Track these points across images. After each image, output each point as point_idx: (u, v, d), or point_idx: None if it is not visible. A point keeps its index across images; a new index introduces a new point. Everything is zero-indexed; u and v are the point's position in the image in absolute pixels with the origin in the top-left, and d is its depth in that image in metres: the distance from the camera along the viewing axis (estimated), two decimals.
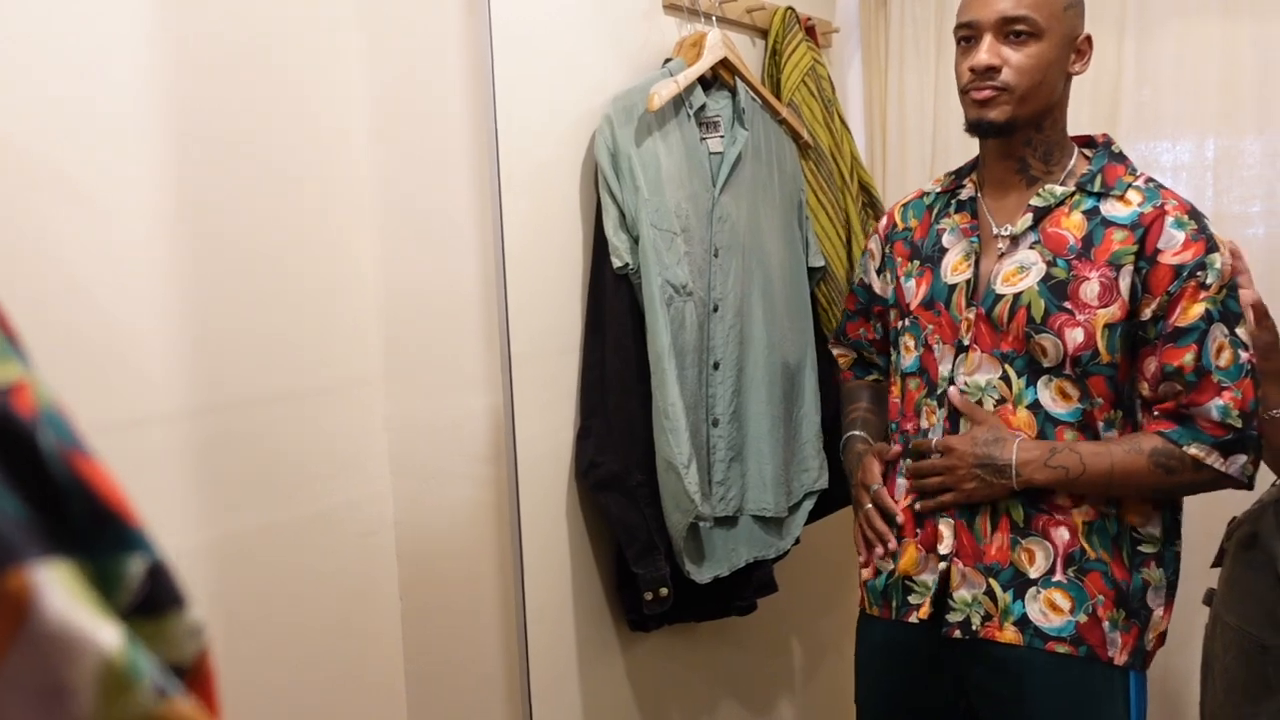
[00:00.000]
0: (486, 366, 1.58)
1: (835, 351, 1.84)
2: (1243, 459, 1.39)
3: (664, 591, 1.70)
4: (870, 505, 1.58)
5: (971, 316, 1.46)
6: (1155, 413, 1.43)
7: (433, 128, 1.60)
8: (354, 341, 1.60)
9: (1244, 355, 1.38)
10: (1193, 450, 1.38)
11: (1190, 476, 1.41)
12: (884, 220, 1.69)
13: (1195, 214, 1.41)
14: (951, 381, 1.48)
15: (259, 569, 1.48)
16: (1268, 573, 1.59)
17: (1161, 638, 1.50)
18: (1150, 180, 1.47)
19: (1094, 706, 1.43)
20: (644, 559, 1.70)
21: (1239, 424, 1.37)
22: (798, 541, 1.99)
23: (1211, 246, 1.38)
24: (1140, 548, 1.45)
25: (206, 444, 1.40)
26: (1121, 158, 1.49)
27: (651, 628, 1.81)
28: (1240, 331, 1.39)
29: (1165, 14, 2.09)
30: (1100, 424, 1.43)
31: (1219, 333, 1.37)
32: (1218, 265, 1.38)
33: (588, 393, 1.70)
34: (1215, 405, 1.36)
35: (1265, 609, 1.58)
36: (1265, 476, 1.64)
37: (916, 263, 1.56)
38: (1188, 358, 1.37)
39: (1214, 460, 1.38)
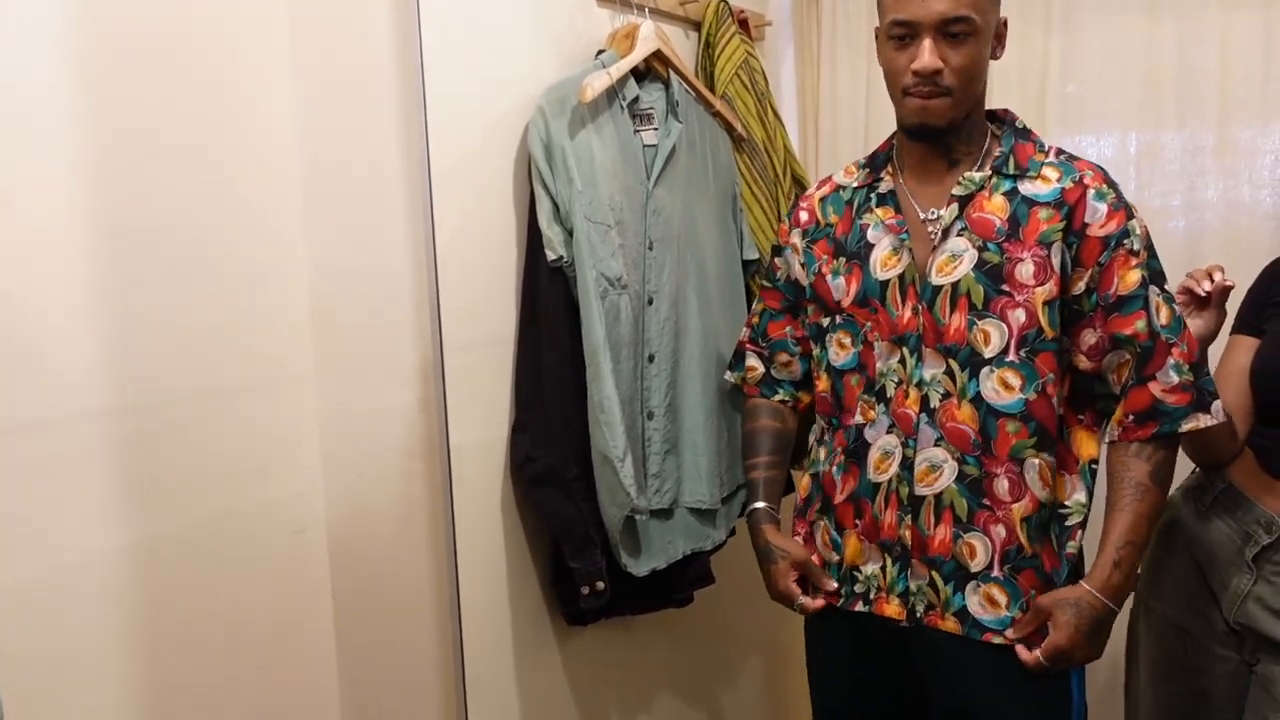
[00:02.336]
0: (419, 360, 1.56)
1: (748, 362, 1.73)
2: (1216, 403, 1.43)
3: (600, 585, 1.70)
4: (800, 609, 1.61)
5: (909, 312, 1.47)
6: (1126, 418, 1.43)
7: (361, 119, 1.57)
8: (283, 335, 1.57)
9: (1177, 308, 1.44)
10: (1187, 427, 1.41)
11: (1191, 450, 1.55)
12: (802, 214, 1.64)
13: (1110, 181, 1.45)
14: (898, 382, 1.48)
15: (185, 570, 1.44)
16: (1187, 559, 1.63)
17: None
18: (1060, 152, 1.49)
19: (1034, 689, 1.46)
20: (580, 553, 1.69)
21: (1192, 376, 1.42)
22: (733, 533, 2.00)
23: (1130, 213, 1.43)
24: (1067, 522, 1.48)
25: (128, 442, 1.36)
26: (1027, 133, 1.50)
27: (589, 621, 1.80)
28: (1167, 286, 1.45)
29: (1089, 11, 2.13)
30: (1054, 400, 1.44)
31: (1154, 294, 1.42)
32: (1138, 229, 1.43)
33: (523, 386, 1.69)
34: (1171, 365, 1.40)
35: (1185, 594, 1.63)
36: (1184, 465, 1.68)
37: (843, 260, 1.54)
38: (1139, 324, 1.40)
39: (1204, 421, 1.42)
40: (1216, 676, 1.59)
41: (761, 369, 1.72)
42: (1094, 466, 1.49)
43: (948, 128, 1.43)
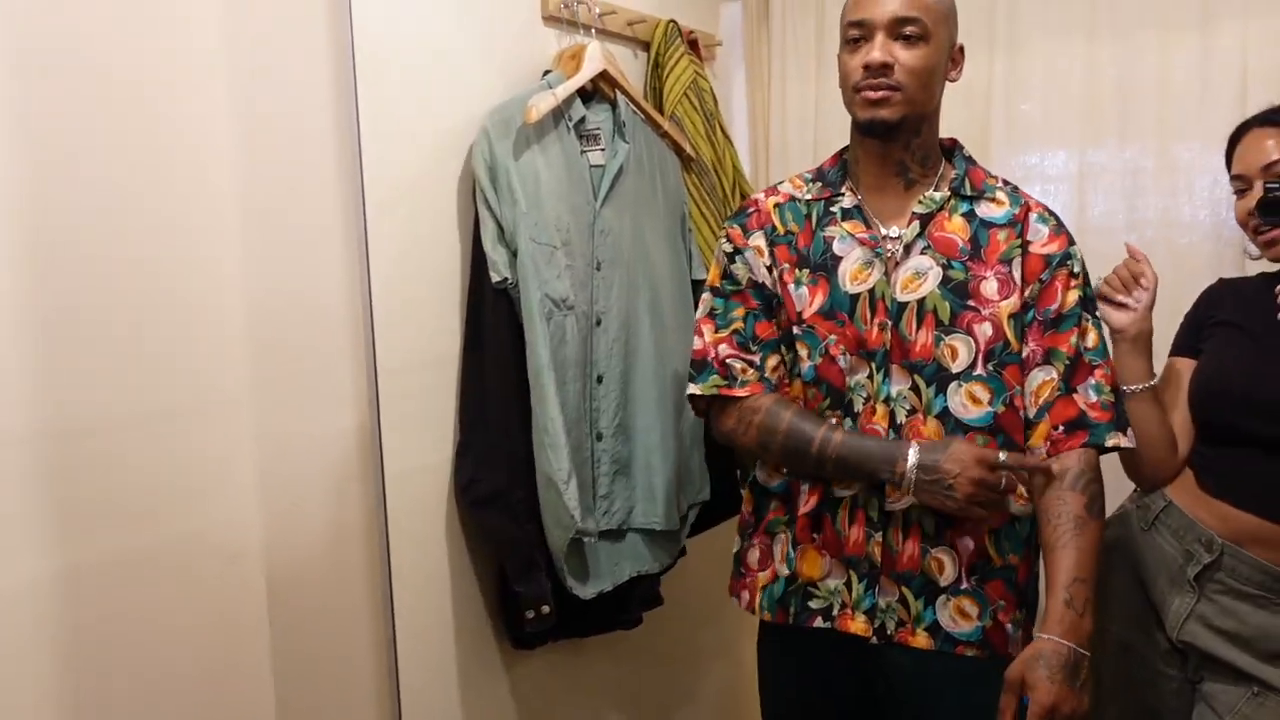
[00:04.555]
0: (355, 383, 1.54)
1: (737, 365, 1.55)
2: (1130, 429, 1.47)
3: (545, 609, 1.68)
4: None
5: (876, 328, 1.47)
6: (1055, 430, 1.43)
7: (296, 140, 1.55)
8: (217, 358, 1.54)
9: (1104, 336, 1.50)
10: (1111, 442, 1.43)
11: (1130, 469, 1.63)
12: (758, 217, 1.57)
13: (1051, 211, 1.52)
14: (865, 397, 1.47)
15: (114, 598, 1.41)
16: (1130, 578, 1.64)
17: None
18: (1006, 183, 1.55)
19: (995, 700, 1.46)
20: (524, 576, 1.67)
21: (1111, 397, 1.46)
22: (683, 552, 1.99)
23: (1071, 239, 1.49)
24: (1024, 537, 1.49)
25: (52, 467, 1.33)
26: (974, 161, 1.56)
27: (535, 645, 1.78)
28: (1098, 314, 1.51)
29: (1031, 33, 2.16)
30: (1020, 411, 1.46)
31: (1086, 318, 1.47)
32: (1079, 256, 1.49)
33: (467, 408, 1.67)
34: (1091, 384, 1.44)
35: (1130, 613, 1.64)
36: (1126, 485, 1.70)
37: (806, 270, 1.52)
38: (1072, 340, 1.45)
39: (1123, 441, 1.44)
40: (1163, 694, 1.60)
41: (755, 374, 1.55)
42: None
43: (898, 125, 1.44)
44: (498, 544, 1.68)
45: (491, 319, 1.66)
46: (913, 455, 1.41)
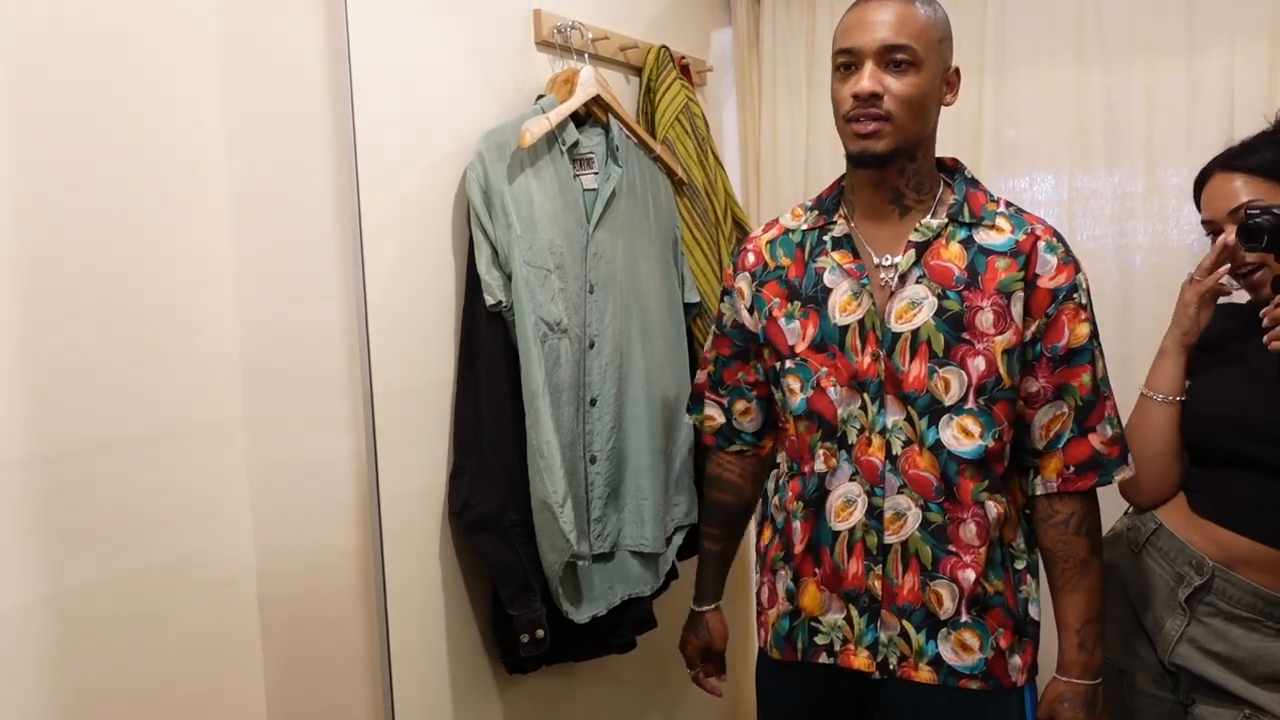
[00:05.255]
0: (350, 407, 1.54)
1: (707, 412, 1.69)
2: (1130, 455, 1.50)
3: (540, 633, 1.68)
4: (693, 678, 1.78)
5: (869, 358, 1.46)
6: (1067, 469, 1.46)
7: (292, 163, 1.56)
8: (211, 382, 1.54)
9: (1105, 363, 1.49)
10: (1118, 478, 1.48)
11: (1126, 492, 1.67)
12: (748, 257, 1.60)
13: (1059, 235, 1.47)
14: (860, 429, 1.47)
15: (109, 623, 1.40)
16: (1121, 601, 1.65)
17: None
18: (1009, 204, 1.51)
19: None
20: (519, 600, 1.67)
21: (1119, 429, 1.48)
22: (676, 575, 1.98)
23: (1077, 267, 1.46)
24: (1015, 564, 1.49)
25: (47, 491, 1.32)
26: (976, 183, 1.52)
27: (530, 669, 1.78)
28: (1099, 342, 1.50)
29: (1020, 60, 2.18)
30: (1006, 447, 1.46)
31: (1097, 350, 1.47)
32: (1084, 284, 1.46)
33: (461, 432, 1.67)
34: (1107, 419, 1.46)
35: (1120, 635, 1.64)
36: (1119, 505, 1.71)
37: (797, 304, 1.51)
38: (1085, 377, 1.44)
39: (1127, 473, 1.49)
40: (1153, 716, 1.61)
41: (721, 419, 1.67)
42: (1027, 512, 1.52)
43: (890, 156, 1.41)
44: (492, 567, 1.67)
45: (486, 342, 1.67)
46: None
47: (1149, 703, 1.61)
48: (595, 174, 1.84)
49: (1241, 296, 1.62)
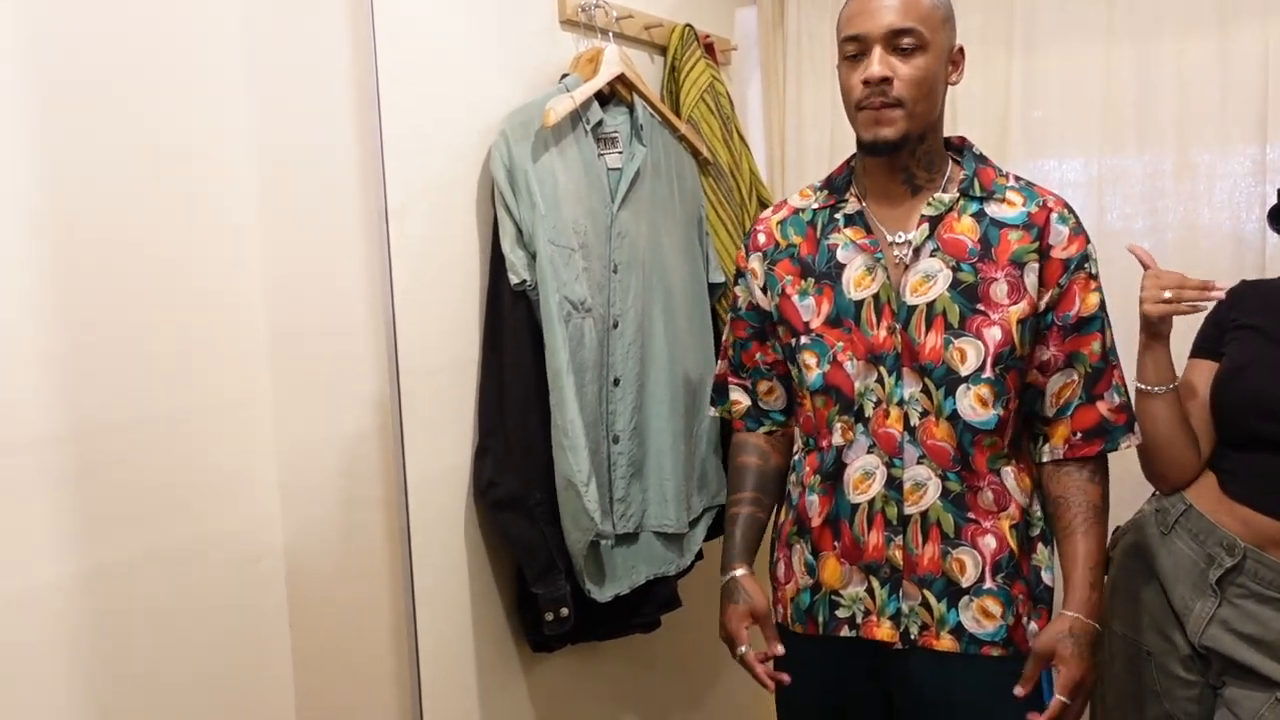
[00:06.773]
0: (377, 386, 1.55)
1: (732, 397, 1.67)
2: (1136, 424, 1.51)
3: (564, 611, 1.68)
4: (740, 657, 1.58)
5: (885, 331, 1.47)
6: (1074, 435, 1.47)
7: (318, 142, 1.56)
8: (240, 361, 1.55)
9: (1112, 333, 1.51)
10: (1124, 445, 1.49)
11: (1147, 468, 1.65)
12: (760, 237, 1.61)
13: (1069, 207, 1.50)
14: (876, 401, 1.48)
15: (138, 599, 1.42)
16: (1149, 582, 1.64)
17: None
18: (1018, 178, 1.53)
19: (1028, 699, 1.46)
20: (543, 579, 1.68)
21: (1126, 397, 1.50)
22: (701, 556, 1.99)
23: (1087, 237, 1.48)
24: (1030, 532, 1.50)
25: (79, 469, 1.34)
26: (985, 159, 1.53)
27: (554, 648, 1.78)
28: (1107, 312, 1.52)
29: (1049, 37, 2.15)
30: (1015, 414, 1.48)
31: (1106, 319, 1.48)
32: (1094, 255, 1.49)
33: (486, 411, 1.68)
34: (1114, 387, 1.48)
35: (1148, 616, 1.63)
36: (1141, 492, 1.69)
37: (811, 280, 1.53)
38: (1095, 345, 1.47)
39: (1133, 441, 1.50)
40: (1182, 700, 1.59)
41: (747, 401, 1.67)
42: (1039, 479, 1.53)
43: (902, 142, 1.43)
44: (517, 546, 1.68)
45: (510, 321, 1.67)
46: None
47: (1178, 685, 1.59)
48: (620, 153, 1.84)
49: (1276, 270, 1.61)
